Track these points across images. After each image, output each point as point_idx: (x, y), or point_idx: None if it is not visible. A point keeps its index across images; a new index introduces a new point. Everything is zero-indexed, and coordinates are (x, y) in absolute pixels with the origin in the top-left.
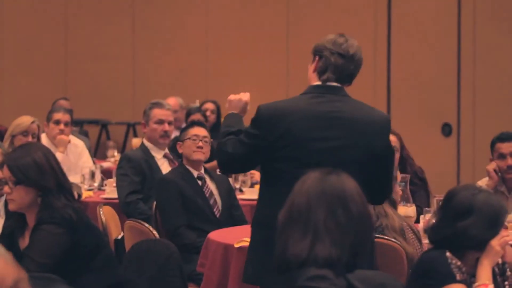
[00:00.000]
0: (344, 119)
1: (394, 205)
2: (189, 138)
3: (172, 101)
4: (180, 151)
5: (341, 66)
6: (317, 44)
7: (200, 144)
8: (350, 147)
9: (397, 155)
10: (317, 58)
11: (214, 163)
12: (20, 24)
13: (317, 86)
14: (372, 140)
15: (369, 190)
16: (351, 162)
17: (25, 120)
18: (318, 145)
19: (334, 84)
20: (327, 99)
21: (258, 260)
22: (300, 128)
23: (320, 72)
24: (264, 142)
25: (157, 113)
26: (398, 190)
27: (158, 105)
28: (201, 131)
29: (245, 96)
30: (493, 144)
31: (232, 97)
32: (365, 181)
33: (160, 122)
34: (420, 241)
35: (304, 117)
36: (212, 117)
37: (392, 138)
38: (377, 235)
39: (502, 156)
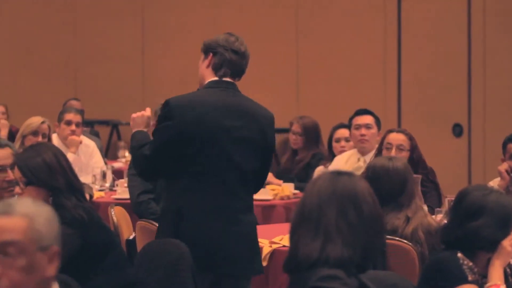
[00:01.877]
0: (247, 111)
1: None
2: None
3: None
4: None
5: (235, 62)
6: (209, 42)
7: None
8: (251, 138)
9: (406, 154)
10: (210, 55)
11: None
12: (30, 25)
13: (217, 81)
14: (265, 133)
15: (255, 180)
16: (251, 153)
17: (35, 121)
18: (227, 133)
19: (230, 80)
20: (230, 93)
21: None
22: (210, 116)
23: (216, 68)
24: (176, 132)
25: None
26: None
27: None
28: None
29: (146, 112)
30: (505, 145)
31: (135, 115)
32: (255, 171)
33: None
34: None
35: (213, 107)
36: None
37: (402, 137)
38: (389, 236)
39: None
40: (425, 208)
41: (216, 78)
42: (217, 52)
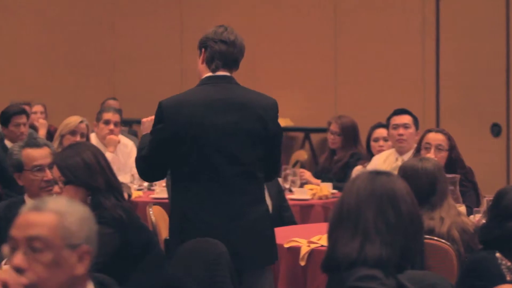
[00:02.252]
0: (241, 103)
1: None
2: None
3: None
4: None
5: (225, 52)
6: (200, 39)
7: None
8: (249, 129)
9: (444, 154)
10: (203, 50)
11: None
12: (69, 25)
13: (210, 77)
14: (265, 121)
15: (264, 168)
16: (249, 144)
17: (73, 120)
18: (220, 129)
19: (224, 73)
20: (221, 87)
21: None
22: (201, 114)
23: (208, 62)
24: (169, 133)
25: None
26: None
27: None
28: None
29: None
30: None
31: (144, 119)
32: (259, 159)
33: None
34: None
35: (204, 105)
36: None
37: (441, 137)
38: (427, 236)
39: None
40: (463, 208)
41: (210, 74)
42: (208, 45)
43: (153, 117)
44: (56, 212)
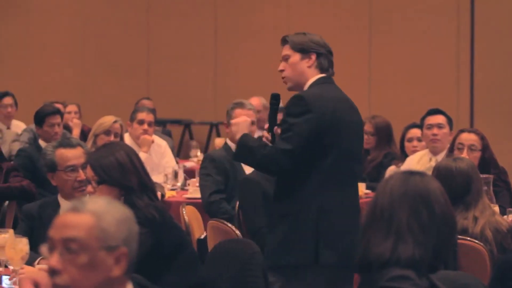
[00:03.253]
0: (354, 106)
1: None
2: None
3: (255, 101)
4: None
5: (333, 63)
6: (307, 42)
7: None
8: (361, 132)
9: (477, 154)
10: (314, 55)
11: None
12: (103, 25)
13: (327, 77)
14: (362, 127)
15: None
16: (362, 146)
17: (107, 120)
18: (351, 127)
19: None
20: (337, 87)
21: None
22: (340, 110)
23: (323, 68)
24: (317, 124)
25: (239, 113)
26: None
27: (240, 105)
28: None
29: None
30: None
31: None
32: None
33: None
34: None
35: (338, 101)
36: None
37: (474, 137)
38: (459, 236)
39: None
40: (497, 208)
41: (323, 75)
42: (322, 53)
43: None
44: (94, 213)
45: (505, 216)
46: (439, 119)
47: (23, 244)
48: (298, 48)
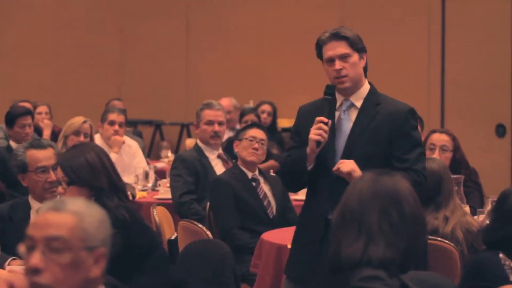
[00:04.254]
0: None
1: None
2: (246, 139)
3: (226, 101)
4: (236, 150)
5: None
6: (361, 40)
7: (256, 146)
8: None
9: (449, 155)
10: (366, 56)
11: (269, 164)
12: (75, 26)
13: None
14: None
15: None
16: None
17: (77, 120)
18: None
19: None
20: None
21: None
22: None
23: (366, 68)
24: None
25: (207, 114)
26: None
27: (209, 106)
28: (259, 133)
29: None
30: None
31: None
32: None
33: (210, 123)
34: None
35: None
36: (268, 119)
37: (446, 138)
38: (430, 236)
39: None
40: (467, 208)
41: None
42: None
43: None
44: (75, 213)
45: (475, 217)
46: None
47: None
48: (356, 47)
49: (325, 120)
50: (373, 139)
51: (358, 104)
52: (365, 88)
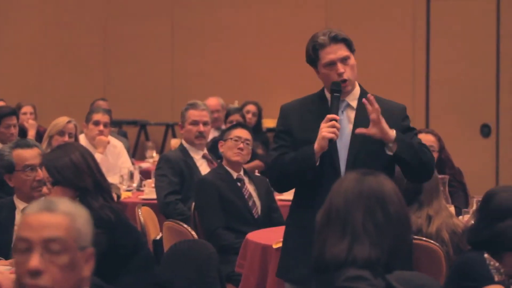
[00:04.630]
0: None
1: None
2: (231, 139)
3: (213, 101)
4: (221, 150)
5: None
6: (351, 40)
7: (241, 146)
8: None
9: (435, 155)
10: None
11: (254, 164)
12: (59, 25)
13: None
14: None
15: None
16: None
17: (61, 121)
18: None
19: None
20: None
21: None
22: None
23: None
24: None
25: (192, 114)
26: None
27: (193, 106)
28: (244, 133)
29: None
30: None
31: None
32: None
33: (195, 123)
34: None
35: None
36: (253, 120)
37: (432, 138)
38: (416, 236)
39: None
40: (452, 208)
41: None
42: None
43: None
44: (68, 214)
45: (460, 217)
46: None
47: None
48: (352, 48)
49: (337, 117)
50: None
51: (354, 104)
52: (357, 88)
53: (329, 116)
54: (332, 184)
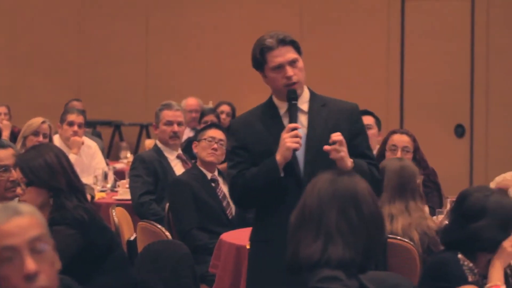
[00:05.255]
0: None
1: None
2: (205, 139)
3: (192, 101)
4: (195, 150)
5: None
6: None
7: (215, 146)
8: None
9: (410, 156)
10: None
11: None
12: (34, 26)
13: None
14: None
15: None
16: None
17: (35, 121)
18: None
19: None
20: None
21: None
22: None
23: None
24: None
25: (166, 114)
26: None
27: (168, 106)
28: (218, 134)
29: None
30: None
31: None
32: None
33: (170, 123)
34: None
35: None
36: (227, 120)
37: (407, 139)
38: (390, 236)
39: None
40: (426, 208)
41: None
42: None
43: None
44: (33, 213)
45: (434, 217)
46: (367, 120)
47: None
48: (300, 50)
49: (299, 126)
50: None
51: (305, 108)
52: (306, 91)
53: (290, 125)
54: (294, 192)
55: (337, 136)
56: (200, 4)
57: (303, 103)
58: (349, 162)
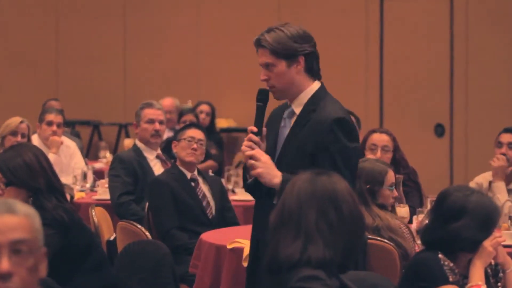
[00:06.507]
0: None
1: (385, 208)
2: (184, 139)
3: (168, 101)
4: (174, 150)
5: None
6: (290, 42)
7: (195, 146)
8: None
9: (390, 155)
10: (302, 58)
11: (207, 164)
12: (11, 26)
13: (324, 87)
14: None
15: None
16: None
17: (13, 121)
18: None
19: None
20: None
21: None
22: None
23: (314, 71)
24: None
25: (148, 112)
26: (388, 194)
27: (149, 105)
28: (197, 134)
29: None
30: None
31: (262, 161)
32: None
33: (151, 121)
34: (414, 240)
35: None
36: (206, 120)
37: (386, 138)
38: (370, 236)
39: None
40: (407, 208)
41: (319, 83)
42: (309, 52)
43: (267, 157)
44: (28, 215)
45: (414, 216)
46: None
47: None
48: (282, 54)
49: (254, 129)
50: (299, 151)
51: (298, 110)
52: (308, 92)
53: (249, 128)
54: (269, 195)
55: (250, 151)
56: (177, 3)
57: (298, 106)
58: (275, 179)
